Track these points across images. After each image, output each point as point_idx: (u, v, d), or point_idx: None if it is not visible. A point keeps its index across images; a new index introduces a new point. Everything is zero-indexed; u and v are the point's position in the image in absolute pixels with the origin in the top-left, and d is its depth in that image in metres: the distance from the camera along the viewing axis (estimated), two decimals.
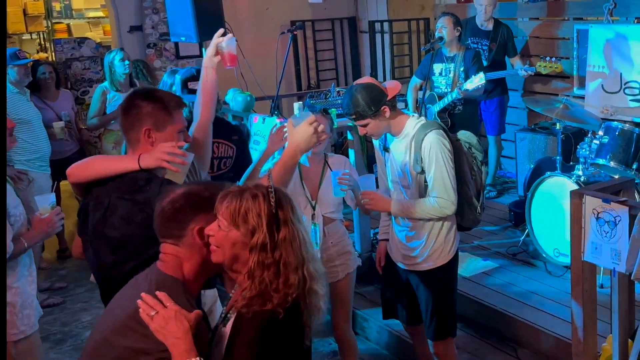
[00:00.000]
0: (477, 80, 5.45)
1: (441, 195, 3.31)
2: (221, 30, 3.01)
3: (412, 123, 3.38)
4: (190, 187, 2.24)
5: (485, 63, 6.24)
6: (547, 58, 5.93)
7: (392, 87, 3.36)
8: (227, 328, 2.08)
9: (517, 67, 6.34)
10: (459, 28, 5.93)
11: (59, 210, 3.40)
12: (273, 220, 2.05)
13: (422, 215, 3.40)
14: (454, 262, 3.58)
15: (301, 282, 2.06)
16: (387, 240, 3.77)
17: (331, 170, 3.74)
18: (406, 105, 6.41)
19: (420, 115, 3.67)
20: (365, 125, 3.34)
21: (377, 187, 3.77)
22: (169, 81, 4.66)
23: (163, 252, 2.19)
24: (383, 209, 3.54)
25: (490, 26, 6.51)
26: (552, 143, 6.09)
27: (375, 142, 3.64)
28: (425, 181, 3.35)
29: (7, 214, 3.08)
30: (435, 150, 3.28)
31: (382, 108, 3.27)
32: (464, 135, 3.53)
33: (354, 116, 3.31)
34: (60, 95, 6.29)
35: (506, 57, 6.58)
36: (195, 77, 3.99)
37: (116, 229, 2.48)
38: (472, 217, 3.55)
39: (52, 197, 3.47)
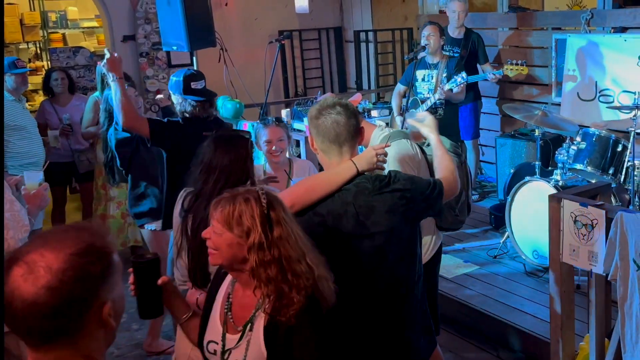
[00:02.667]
0: (460, 80, 5.55)
1: None
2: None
3: (376, 134, 3.34)
4: (66, 252, 1.36)
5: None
6: (514, 61, 5.94)
7: (354, 98, 3.33)
8: (257, 331, 2.15)
9: (486, 72, 6.43)
10: (443, 37, 6.09)
11: (47, 186, 3.57)
12: (266, 220, 2.12)
13: None
14: (429, 266, 3.39)
15: (308, 270, 2.13)
16: None
17: (290, 178, 3.86)
18: (391, 111, 6.53)
19: (387, 126, 3.58)
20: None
21: None
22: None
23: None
24: None
25: (461, 34, 6.65)
26: (532, 149, 6.19)
27: None
28: None
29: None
30: (394, 163, 3.17)
31: None
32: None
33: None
34: (73, 101, 6.34)
35: (477, 64, 6.69)
36: (196, 76, 4.11)
37: (382, 224, 2.57)
38: (450, 219, 3.47)
39: (41, 175, 3.62)
